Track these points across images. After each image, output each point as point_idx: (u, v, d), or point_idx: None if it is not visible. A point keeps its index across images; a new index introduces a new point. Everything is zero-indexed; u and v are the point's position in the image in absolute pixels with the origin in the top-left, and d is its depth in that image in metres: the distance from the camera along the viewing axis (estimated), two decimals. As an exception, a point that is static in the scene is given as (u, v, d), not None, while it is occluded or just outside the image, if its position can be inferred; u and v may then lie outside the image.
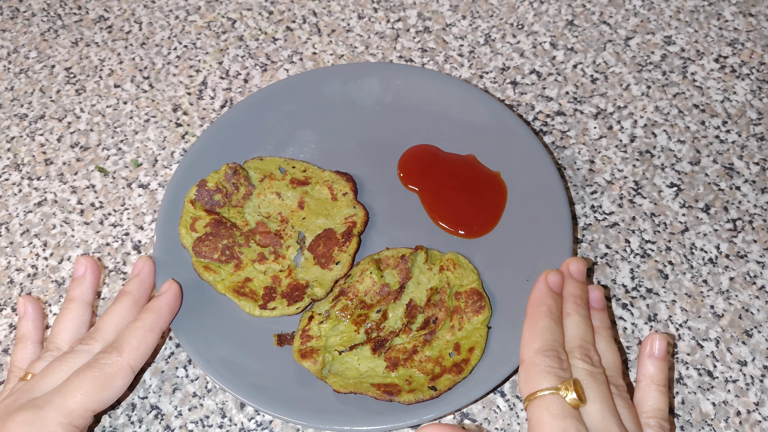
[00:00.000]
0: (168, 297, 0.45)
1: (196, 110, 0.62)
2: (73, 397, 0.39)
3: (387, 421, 0.42)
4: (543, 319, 0.40)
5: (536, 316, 0.41)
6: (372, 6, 0.68)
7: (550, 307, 0.41)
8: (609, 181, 0.56)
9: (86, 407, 0.39)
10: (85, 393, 0.39)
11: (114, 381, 0.41)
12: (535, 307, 0.41)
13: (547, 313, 0.41)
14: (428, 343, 0.46)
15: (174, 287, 0.46)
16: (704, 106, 0.60)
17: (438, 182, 0.54)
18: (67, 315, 0.45)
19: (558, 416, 0.35)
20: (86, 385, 0.40)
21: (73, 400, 0.39)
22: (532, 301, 0.42)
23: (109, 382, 0.40)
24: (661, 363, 0.41)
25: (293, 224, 0.52)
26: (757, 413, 0.46)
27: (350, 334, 0.46)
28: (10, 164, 0.59)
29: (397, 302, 0.48)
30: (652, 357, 0.41)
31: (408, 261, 0.48)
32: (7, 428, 0.38)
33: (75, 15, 0.69)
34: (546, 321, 0.40)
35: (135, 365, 0.42)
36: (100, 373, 0.40)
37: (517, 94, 0.62)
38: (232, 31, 0.67)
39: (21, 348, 0.45)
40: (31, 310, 0.46)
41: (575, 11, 0.67)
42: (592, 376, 0.38)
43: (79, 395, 0.39)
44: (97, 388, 0.40)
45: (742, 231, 0.54)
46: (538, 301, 0.41)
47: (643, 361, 0.41)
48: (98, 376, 0.40)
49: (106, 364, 0.41)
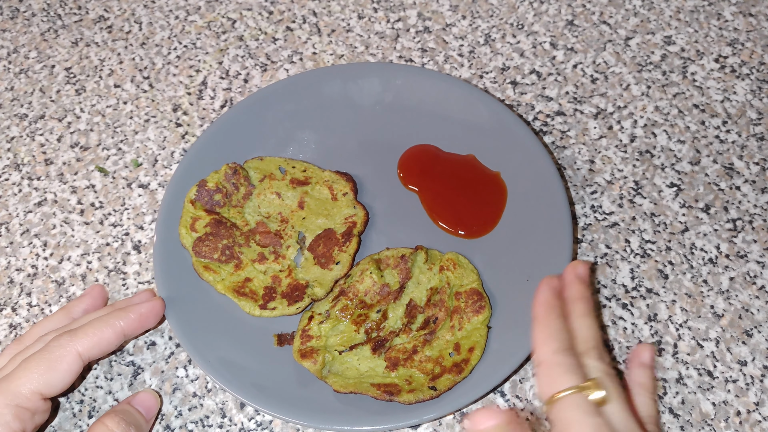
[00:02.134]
0: (143, 306, 0.45)
1: (196, 110, 0.62)
2: (18, 380, 0.40)
3: (387, 421, 0.42)
4: (556, 321, 0.40)
5: (548, 318, 0.40)
6: (372, 6, 0.68)
7: (558, 310, 0.41)
8: (609, 181, 0.56)
9: (32, 389, 0.40)
10: (31, 375, 0.40)
11: (60, 363, 0.41)
12: (545, 309, 0.41)
13: (558, 315, 0.40)
14: (428, 343, 0.46)
15: (155, 301, 0.46)
16: (704, 106, 0.60)
17: (438, 182, 0.54)
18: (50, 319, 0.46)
19: (589, 414, 0.34)
20: (33, 367, 0.41)
21: (18, 383, 0.40)
22: (541, 304, 0.41)
23: (55, 364, 0.41)
24: (651, 372, 0.43)
25: (293, 224, 0.52)
26: (757, 413, 0.46)
27: (350, 334, 0.46)
28: (10, 164, 0.59)
29: (397, 302, 0.48)
30: (642, 366, 0.42)
31: (408, 261, 0.48)
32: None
33: (75, 15, 0.69)
34: (559, 322, 0.40)
35: (84, 352, 0.42)
36: (48, 355, 0.41)
37: (517, 94, 0.62)
38: (232, 31, 0.67)
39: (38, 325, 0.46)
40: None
41: (575, 11, 0.67)
42: (609, 375, 0.38)
43: (26, 377, 0.40)
44: (43, 369, 0.41)
45: (742, 231, 0.54)
46: (547, 304, 0.41)
47: (634, 371, 0.42)
48: (46, 358, 0.41)
49: (54, 346, 0.42)
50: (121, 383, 0.48)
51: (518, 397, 0.47)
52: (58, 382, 0.41)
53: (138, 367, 0.48)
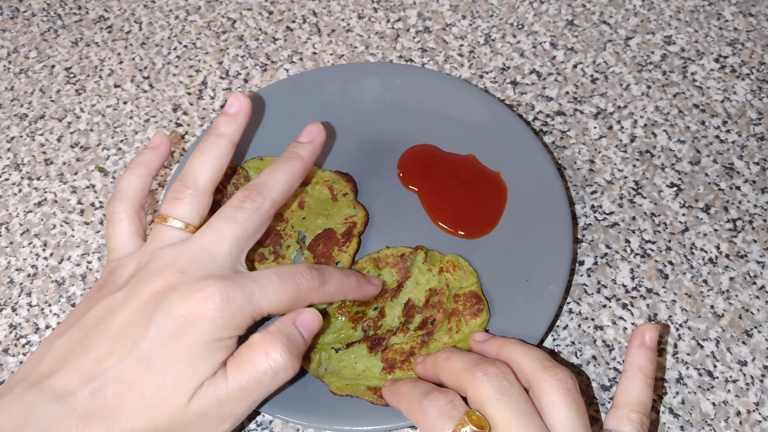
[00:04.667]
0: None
1: (196, 110, 0.62)
2: (269, 300, 0.36)
3: (387, 421, 0.42)
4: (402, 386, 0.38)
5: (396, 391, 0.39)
6: (372, 6, 0.68)
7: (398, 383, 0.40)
8: (609, 181, 0.56)
9: (270, 311, 0.36)
10: (279, 301, 0.36)
11: (303, 302, 0.38)
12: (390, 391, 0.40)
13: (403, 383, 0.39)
14: (426, 344, 0.46)
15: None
16: (704, 106, 0.60)
17: (438, 182, 0.54)
18: (210, 151, 0.40)
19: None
20: (284, 292, 0.37)
21: (268, 302, 0.36)
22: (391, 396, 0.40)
23: (299, 303, 0.38)
24: (652, 354, 0.39)
25: (293, 224, 0.52)
26: (757, 413, 0.46)
27: (347, 332, 0.46)
28: (10, 164, 0.59)
29: (394, 301, 0.48)
30: (643, 347, 0.39)
31: (407, 260, 0.48)
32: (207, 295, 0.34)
33: (75, 15, 0.69)
34: (407, 385, 0.38)
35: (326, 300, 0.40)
36: (297, 288, 0.37)
37: (517, 94, 0.62)
38: (232, 31, 0.67)
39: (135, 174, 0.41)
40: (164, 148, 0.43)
41: (575, 11, 0.67)
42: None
43: (275, 300, 0.36)
44: (291, 301, 0.37)
45: (742, 231, 0.54)
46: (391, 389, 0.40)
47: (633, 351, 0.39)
48: (296, 291, 0.37)
49: (307, 279, 0.38)
50: (121, 383, 0.48)
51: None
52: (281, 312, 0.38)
53: (138, 367, 0.48)
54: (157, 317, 0.34)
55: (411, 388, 0.37)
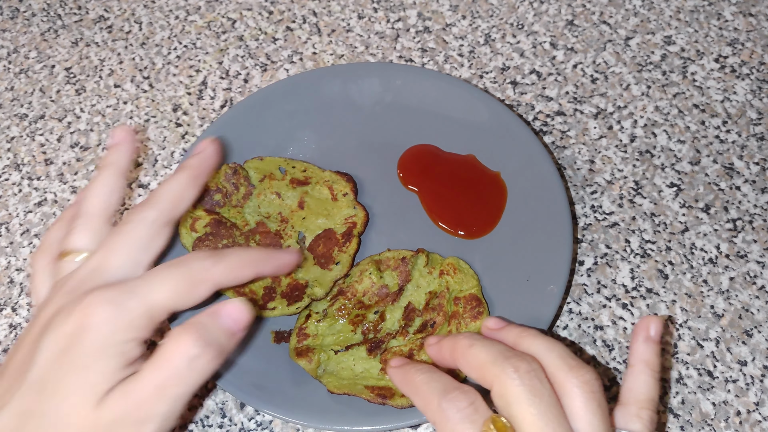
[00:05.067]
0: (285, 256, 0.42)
1: (196, 110, 0.62)
2: (157, 293, 0.35)
3: (386, 422, 0.42)
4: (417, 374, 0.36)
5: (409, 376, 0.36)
6: (372, 6, 0.68)
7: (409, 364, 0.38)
8: (609, 181, 0.56)
9: (168, 306, 0.36)
10: (170, 291, 0.36)
11: (198, 290, 0.37)
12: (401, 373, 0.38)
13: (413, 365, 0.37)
14: (424, 347, 0.46)
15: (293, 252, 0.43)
16: (704, 106, 0.60)
17: (438, 182, 0.54)
18: (100, 181, 0.41)
19: None
20: (173, 283, 0.36)
21: (156, 296, 0.35)
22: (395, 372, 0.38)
23: (194, 289, 0.37)
24: (657, 347, 0.38)
25: (293, 224, 0.52)
26: (757, 413, 0.46)
27: (347, 334, 0.46)
28: (10, 164, 0.59)
29: (395, 304, 0.48)
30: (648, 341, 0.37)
31: (408, 263, 0.48)
32: (88, 304, 0.34)
33: (75, 15, 0.69)
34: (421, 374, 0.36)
35: (221, 284, 0.38)
36: (189, 276, 0.36)
37: (517, 94, 0.62)
38: (232, 31, 0.67)
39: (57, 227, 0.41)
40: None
41: (575, 11, 0.67)
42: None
43: (164, 292, 0.35)
44: (183, 290, 0.36)
45: (742, 231, 0.54)
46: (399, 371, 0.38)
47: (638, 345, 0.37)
48: (187, 279, 0.36)
49: (198, 269, 0.37)
50: (121, 383, 0.48)
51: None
52: (188, 306, 0.37)
53: (138, 367, 0.48)
54: (44, 342, 0.34)
55: (427, 380, 0.35)
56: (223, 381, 0.44)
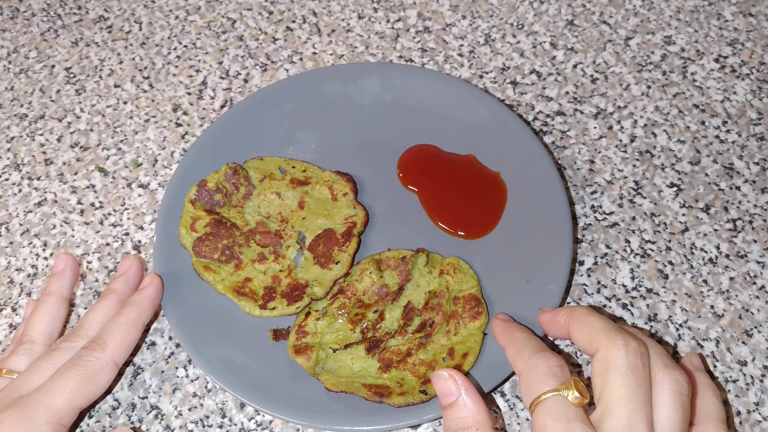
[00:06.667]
0: (149, 291, 0.45)
1: (196, 110, 0.62)
2: (59, 396, 0.39)
3: (386, 421, 0.42)
4: (520, 333, 0.40)
5: (512, 334, 0.41)
6: (372, 6, 0.68)
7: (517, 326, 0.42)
8: (609, 181, 0.56)
9: (73, 405, 0.40)
10: (71, 391, 0.40)
11: (99, 378, 0.41)
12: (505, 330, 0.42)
13: (520, 329, 0.41)
14: (423, 346, 0.46)
15: (156, 281, 0.46)
16: (704, 106, 0.60)
17: (438, 182, 0.53)
18: (42, 308, 0.46)
19: (562, 418, 0.33)
20: (72, 383, 0.40)
21: (59, 399, 0.39)
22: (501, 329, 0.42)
23: (93, 379, 0.41)
24: (705, 373, 0.41)
25: (293, 224, 0.52)
26: (757, 413, 0.46)
27: (346, 333, 0.46)
28: (10, 164, 0.59)
29: (394, 303, 0.48)
30: (697, 370, 0.41)
31: (408, 263, 0.48)
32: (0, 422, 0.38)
33: (75, 15, 0.69)
34: (523, 334, 0.40)
35: (118, 361, 0.42)
36: (85, 370, 0.40)
37: (517, 94, 0.62)
38: (232, 31, 0.67)
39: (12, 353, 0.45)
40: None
41: (575, 11, 0.67)
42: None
43: (66, 393, 0.39)
44: (83, 385, 0.40)
45: (742, 231, 0.54)
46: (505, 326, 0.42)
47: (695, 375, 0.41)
48: (83, 373, 0.40)
49: (90, 361, 0.41)
50: (121, 383, 0.48)
51: (518, 397, 0.47)
52: (96, 395, 0.41)
53: (138, 367, 0.48)
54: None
55: (526, 338, 0.39)
56: (223, 381, 0.44)
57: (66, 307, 0.47)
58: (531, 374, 0.36)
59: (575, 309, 0.40)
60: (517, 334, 0.40)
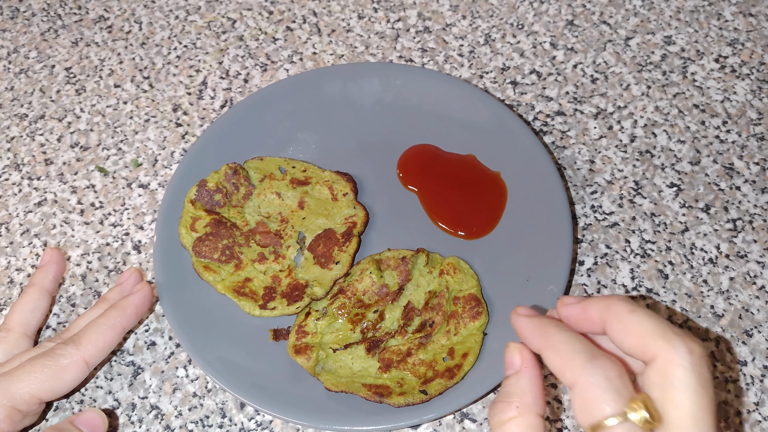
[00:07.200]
0: (135, 297, 0.45)
1: (196, 110, 0.62)
2: (21, 382, 0.40)
3: (386, 421, 0.42)
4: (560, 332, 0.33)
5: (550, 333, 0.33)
6: (372, 6, 0.68)
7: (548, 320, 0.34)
8: (609, 181, 0.56)
9: (32, 393, 0.40)
10: (34, 380, 0.40)
11: (66, 373, 0.41)
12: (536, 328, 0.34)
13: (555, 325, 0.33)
14: (423, 346, 0.46)
15: (144, 289, 0.46)
16: (704, 106, 0.60)
17: (438, 182, 0.53)
18: (22, 298, 0.47)
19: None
20: (36, 371, 0.40)
21: (20, 384, 0.40)
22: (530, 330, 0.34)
23: (60, 373, 0.41)
24: None
25: (293, 224, 0.52)
26: (757, 413, 0.46)
27: (346, 333, 0.46)
28: (10, 164, 0.59)
29: (394, 303, 0.48)
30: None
31: (408, 263, 0.48)
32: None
33: (75, 15, 0.69)
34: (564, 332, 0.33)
35: (90, 360, 0.42)
36: (53, 363, 0.41)
37: (517, 94, 0.62)
38: (232, 31, 0.67)
39: None
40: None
41: (575, 11, 0.67)
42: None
43: (28, 381, 0.40)
44: (47, 376, 0.41)
45: (742, 231, 0.54)
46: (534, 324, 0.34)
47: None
48: (50, 365, 0.41)
49: (60, 354, 0.41)
50: (121, 383, 0.48)
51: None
52: (61, 390, 0.41)
53: (138, 367, 0.48)
54: None
55: (569, 339, 0.32)
56: (223, 381, 0.44)
57: (47, 299, 0.47)
58: (588, 391, 0.30)
59: (612, 302, 0.32)
60: (557, 334, 0.32)
